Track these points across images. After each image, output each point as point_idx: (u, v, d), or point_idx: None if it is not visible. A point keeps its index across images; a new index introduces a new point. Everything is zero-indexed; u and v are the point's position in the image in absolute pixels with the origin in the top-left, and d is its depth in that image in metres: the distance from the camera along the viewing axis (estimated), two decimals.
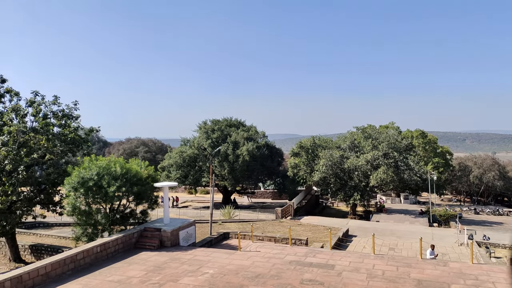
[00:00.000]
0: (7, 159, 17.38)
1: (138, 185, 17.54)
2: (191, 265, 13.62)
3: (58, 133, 20.36)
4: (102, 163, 16.95)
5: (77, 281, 12.21)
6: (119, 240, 15.51)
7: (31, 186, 19.25)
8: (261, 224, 30.31)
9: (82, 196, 16.57)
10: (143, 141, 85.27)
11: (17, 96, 20.27)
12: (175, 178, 45.72)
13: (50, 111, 20.60)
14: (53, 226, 31.81)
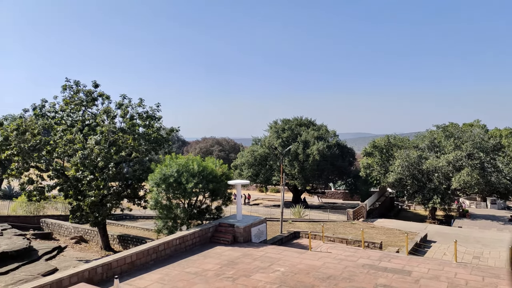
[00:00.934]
0: (99, 156, 19.34)
1: (213, 182, 18.39)
2: (263, 261, 13.95)
3: (143, 133, 22.18)
4: (181, 161, 18.08)
5: (158, 270, 13.17)
6: (196, 234, 16.42)
7: (120, 182, 21.15)
8: (331, 225, 29.85)
9: (164, 192, 17.83)
10: (217, 141, 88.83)
11: (108, 99, 22.46)
12: (246, 176, 46.90)
13: (136, 112, 22.51)
14: (138, 218, 34.57)
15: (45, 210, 32.76)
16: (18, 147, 19.26)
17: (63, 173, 20.59)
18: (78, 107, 22.08)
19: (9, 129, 19.77)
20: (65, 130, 21.14)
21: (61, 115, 22.31)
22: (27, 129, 19.84)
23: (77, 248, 23.00)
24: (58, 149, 19.98)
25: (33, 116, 21.85)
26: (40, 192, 20.32)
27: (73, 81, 22.11)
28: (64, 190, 20.61)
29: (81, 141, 20.15)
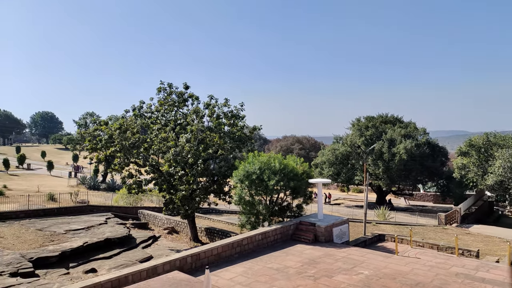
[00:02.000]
0: (189, 153, 20.73)
1: (294, 180, 18.51)
2: (345, 263, 13.69)
3: (228, 131, 23.24)
4: (263, 159, 18.54)
5: (242, 264, 13.69)
6: (277, 230, 16.71)
7: (207, 177, 22.43)
8: (420, 229, 28.01)
9: (247, 188, 18.45)
10: (298, 139, 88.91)
11: (197, 100, 23.94)
12: (327, 175, 46.19)
13: (221, 112, 23.67)
14: (223, 212, 36.25)
15: (142, 202, 36.07)
16: (120, 144, 21.56)
17: (158, 169, 22.50)
18: (171, 107, 23.90)
19: (113, 128, 22.21)
20: (160, 129, 23.10)
21: (156, 115, 24.37)
22: (128, 128, 22.10)
23: (169, 238, 24.91)
24: (154, 146, 21.90)
25: (132, 116, 24.25)
26: (138, 185, 22.48)
27: (166, 84, 23.97)
28: (158, 184, 22.53)
29: (174, 139, 21.81)
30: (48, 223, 23.81)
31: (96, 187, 49.18)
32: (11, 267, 15.51)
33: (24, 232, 21.26)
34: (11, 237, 20.21)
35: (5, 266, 15.50)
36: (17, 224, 23.28)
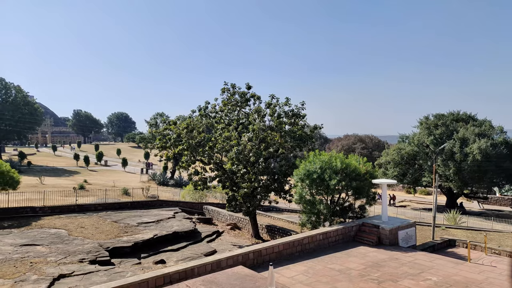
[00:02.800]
0: (251, 152, 21.21)
1: (357, 180, 18.10)
2: (412, 268, 13.14)
3: (288, 130, 23.37)
4: (324, 158, 18.37)
5: (303, 263, 13.72)
6: (339, 231, 16.48)
7: (268, 176, 22.76)
8: (496, 236, 25.84)
9: (307, 187, 18.42)
10: (360, 138, 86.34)
11: (259, 99, 24.37)
12: (392, 175, 44.37)
13: (282, 111, 23.85)
14: (283, 211, 36.48)
15: (206, 198, 37.54)
16: (187, 143, 22.71)
17: (221, 166, 23.32)
18: (234, 107, 24.60)
19: (180, 128, 23.44)
20: (223, 128, 23.92)
21: (220, 115, 25.25)
22: (194, 127, 23.20)
23: (232, 233, 25.67)
24: (218, 145, 22.73)
25: (198, 116, 25.38)
26: (203, 182, 23.50)
27: (230, 84, 24.70)
28: (222, 181, 23.35)
29: (236, 138, 22.45)
30: (123, 215, 25.79)
31: (165, 183, 52.06)
32: (91, 255, 17.09)
33: (102, 223, 23.25)
34: (90, 227, 22.22)
35: (85, 254, 17.12)
36: (95, 215, 25.52)
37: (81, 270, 15.11)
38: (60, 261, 16.08)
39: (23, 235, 19.92)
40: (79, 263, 16.05)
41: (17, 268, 14.93)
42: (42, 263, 15.77)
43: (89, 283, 13.68)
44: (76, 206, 27.36)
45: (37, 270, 14.80)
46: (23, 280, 13.72)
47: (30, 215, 24.82)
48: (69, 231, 21.09)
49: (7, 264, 15.36)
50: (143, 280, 9.93)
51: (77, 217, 24.65)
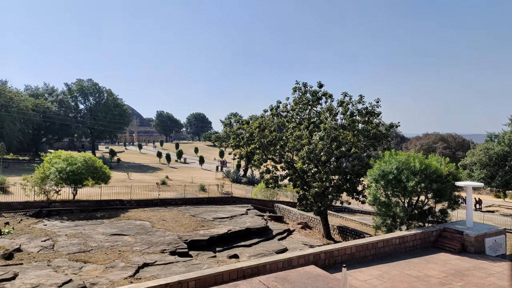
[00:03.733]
0: (322, 151, 20.98)
1: (438, 182, 16.93)
2: (501, 279, 11.97)
3: (362, 129, 22.66)
4: (401, 158, 17.48)
5: (377, 267, 13.24)
6: (417, 236, 15.59)
7: (339, 175, 22.33)
8: None
9: (382, 188, 17.69)
10: (441, 137, 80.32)
11: (331, 98, 24.00)
12: (478, 178, 40.63)
13: (355, 109, 23.20)
14: (356, 212, 35.46)
15: (277, 196, 37.94)
16: (259, 142, 23.22)
17: (292, 165, 23.42)
18: (305, 106, 24.54)
19: (253, 127, 24.05)
20: (295, 127, 24.00)
21: (291, 114, 25.36)
22: (266, 126, 23.66)
23: (303, 232, 25.65)
24: (289, 144, 22.88)
25: (270, 116, 25.78)
26: (274, 180, 23.83)
27: (301, 83, 24.68)
28: (293, 180, 23.45)
29: (307, 137, 22.38)
30: (200, 210, 27.20)
31: (238, 180, 53.69)
32: (171, 246, 18.33)
33: (181, 217, 24.77)
34: (171, 220, 23.80)
35: (166, 245, 18.41)
36: (175, 209, 27.26)
37: (162, 260, 16.30)
38: (144, 250, 17.52)
39: (113, 225, 22.04)
40: (160, 253, 17.32)
41: (108, 255, 16.59)
42: (128, 251, 17.32)
43: (169, 272, 14.71)
44: (158, 200, 29.49)
45: (125, 258, 16.29)
46: (113, 266, 15.21)
47: (119, 207, 27.33)
48: (152, 223, 22.83)
49: (99, 251, 17.15)
50: (218, 272, 10.43)
51: (159, 211, 26.56)
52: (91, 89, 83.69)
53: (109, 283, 13.42)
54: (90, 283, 13.37)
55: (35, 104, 70.09)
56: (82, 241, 18.42)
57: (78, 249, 17.25)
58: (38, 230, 20.33)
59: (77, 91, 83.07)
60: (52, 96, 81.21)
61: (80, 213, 25.29)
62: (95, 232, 20.26)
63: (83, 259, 15.87)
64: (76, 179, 26.79)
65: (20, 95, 69.10)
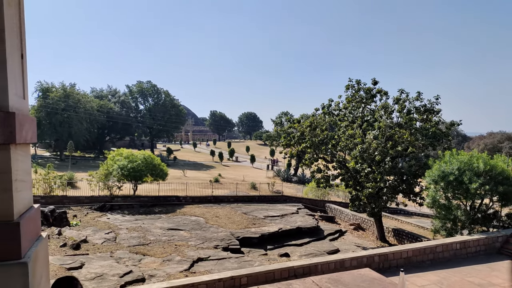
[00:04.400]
0: (377, 150, 20.35)
1: (504, 184, 15.73)
2: None
3: (419, 128, 21.64)
4: (463, 158, 16.48)
5: (435, 272, 12.62)
6: (480, 241, 14.63)
7: (395, 176, 21.51)
8: None
9: (442, 190, 16.80)
10: (508, 136, 74.20)
11: (386, 95, 23.17)
12: None
13: (413, 107, 22.20)
14: (412, 215, 33.93)
15: (329, 196, 37.40)
16: (310, 141, 23.05)
17: (344, 165, 22.97)
18: (358, 104, 23.93)
19: (304, 126, 23.93)
20: (347, 126, 23.51)
21: (344, 112, 24.86)
22: (317, 125, 23.42)
23: (355, 234, 25.08)
24: (341, 143, 22.47)
25: (321, 114, 25.48)
26: (326, 180, 23.53)
27: (354, 81, 24.11)
28: (345, 180, 22.99)
29: (361, 136, 21.83)
30: (251, 208, 27.61)
31: (289, 179, 53.66)
32: (224, 242, 18.83)
33: (233, 214, 25.32)
34: (224, 217, 24.42)
35: (219, 241, 18.94)
36: (228, 206, 27.91)
37: (215, 255, 16.81)
38: (198, 245, 18.18)
39: (170, 220, 23.08)
40: (214, 249, 17.87)
41: (165, 249, 17.43)
42: (184, 246, 18.07)
43: (223, 268, 15.13)
44: (212, 197, 30.39)
45: (180, 252, 17.02)
46: (169, 260, 15.96)
47: (175, 203, 28.55)
48: (206, 219, 23.59)
49: (157, 245, 18.07)
50: (269, 270, 10.57)
51: (213, 207, 27.36)
52: (150, 91, 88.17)
53: (166, 276, 14.11)
54: (149, 275, 14.14)
55: (99, 105, 75.32)
56: (141, 235, 19.51)
57: (138, 242, 18.30)
58: (102, 223, 21.85)
59: (137, 93, 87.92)
60: (115, 97, 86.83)
61: (140, 208, 26.78)
62: (153, 226, 21.35)
63: (142, 252, 16.82)
64: (136, 175, 28.40)
65: (86, 97, 74.63)
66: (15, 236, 2.95)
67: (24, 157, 3.42)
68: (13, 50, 3.18)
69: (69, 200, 26.59)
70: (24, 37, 3.58)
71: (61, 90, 67.72)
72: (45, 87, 67.14)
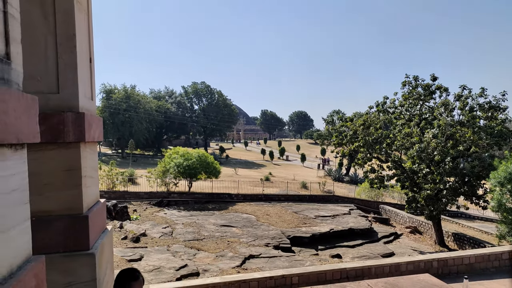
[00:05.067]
0: (436, 150, 19.33)
1: None
2: None
3: (483, 126, 20.20)
4: None
5: (501, 281, 11.78)
6: None
7: (456, 177, 20.29)
8: None
9: (509, 193, 15.60)
10: None
11: (446, 91, 21.91)
12: None
13: (476, 104, 20.78)
14: (475, 219, 31.77)
15: (383, 197, 36.13)
16: (364, 140, 22.43)
17: (400, 165, 22.09)
18: (415, 101, 22.86)
19: (357, 124, 23.34)
20: (403, 124, 22.56)
21: (400, 110, 23.87)
22: (371, 124, 22.72)
23: (411, 237, 24.02)
24: (397, 142, 21.62)
25: (376, 112, 24.67)
26: (380, 180, 22.77)
27: (412, 77, 23.08)
28: (400, 180, 22.09)
29: (418, 135, 20.85)
30: (302, 207, 27.49)
31: (340, 179, 52.59)
32: (275, 240, 18.95)
33: (284, 213, 25.38)
34: (274, 215, 24.56)
35: (270, 239, 19.09)
36: (278, 205, 28.02)
37: (266, 253, 16.99)
38: (250, 243, 18.47)
39: (222, 217, 23.68)
40: (265, 246, 18.07)
41: (218, 245, 17.93)
42: (236, 242, 18.46)
43: (273, 266, 15.27)
44: (262, 195, 30.68)
45: (233, 249, 17.41)
46: (222, 255, 16.40)
47: (228, 200, 29.21)
48: (257, 217, 23.89)
49: (210, 240, 18.64)
50: (321, 271, 10.49)
51: (263, 205, 27.62)
52: (204, 91, 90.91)
53: (219, 271, 14.53)
54: (203, 269, 14.65)
55: (158, 106, 79.04)
56: (196, 230, 20.23)
57: (193, 237, 19.01)
58: (159, 217, 22.96)
59: (192, 93, 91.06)
60: (172, 98, 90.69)
61: (194, 204, 27.75)
62: (207, 222, 22.03)
63: (196, 247, 17.45)
64: (191, 173, 29.47)
65: (146, 98, 78.68)
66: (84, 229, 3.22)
67: (92, 155, 3.72)
68: (82, 55, 3.46)
69: (130, 195, 28.24)
70: (92, 41, 3.87)
71: (123, 91, 72.00)
72: (109, 88, 71.77)
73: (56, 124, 3.02)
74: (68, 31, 3.15)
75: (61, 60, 3.15)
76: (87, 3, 3.67)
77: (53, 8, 3.10)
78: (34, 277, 1.61)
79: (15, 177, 1.55)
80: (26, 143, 1.64)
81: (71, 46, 3.17)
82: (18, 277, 1.45)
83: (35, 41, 3.04)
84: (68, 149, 3.16)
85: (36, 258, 1.72)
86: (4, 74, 1.52)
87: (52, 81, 3.15)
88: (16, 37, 1.64)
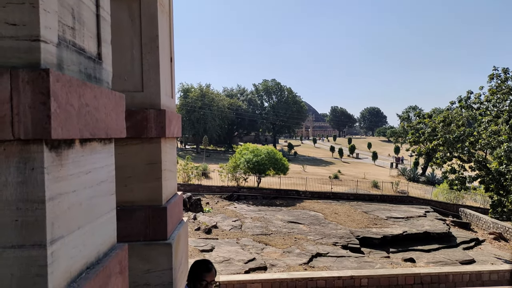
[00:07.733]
0: None
1: None
2: None
3: None
4: None
5: None
6: None
7: None
8: None
9: None
10: None
11: None
12: None
13: None
14: None
15: (463, 200, 33.36)
16: (444, 138, 20.90)
17: (485, 165, 20.23)
18: (504, 96, 20.71)
19: (436, 121, 21.85)
20: (490, 121, 20.59)
21: (486, 105, 21.81)
22: (452, 120, 21.12)
23: (495, 244, 21.89)
24: (481, 140, 19.83)
25: (458, 108, 22.83)
26: (461, 182, 21.05)
27: (500, 69, 20.96)
28: (485, 182, 20.23)
29: (507, 133, 18.90)
30: (372, 207, 26.49)
31: (415, 179, 49.61)
32: (343, 240, 18.54)
33: (353, 212, 24.68)
34: (343, 214, 24.00)
35: (338, 238, 18.72)
36: (347, 204, 27.32)
37: (334, 252, 16.70)
38: (317, 240, 18.30)
39: (290, 213, 23.75)
40: (332, 245, 17.77)
41: (285, 241, 18.04)
42: (303, 239, 18.41)
43: (341, 266, 14.96)
44: (331, 193, 30.14)
45: (300, 245, 17.40)
46: (289, 251, 16.47)
47: (295, 197, 29.19)
48: (325, 215, 23.56)
49: (278, 236, 18.81)
50: (393, 274, 10.08)
51: (332, 204, 27.13)
52: (274, 88, 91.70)
53: (286, 267, 14.63)
54: (270, 264, 14.86)
55: (230, 103, 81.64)
56: (264, 225, 20.57)
57: (261, 231, 19.36)
58: (230, 211, 23.74)
59: (263, 91, 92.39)
60: (243, 95, 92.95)
61: (263, 199, 28.20)
62: (275, 218, 22.27)
63: (264, 241, 17.75)
64: (260, 169, 30.00)
65: (219, 96, 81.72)
66: (162, 219, 3.47)
67: (172, 149, 3.98)
68: (164, 55, 3.71)
69: (203, 189, 29.58)
70: (172, 42, 4.13)
71: (199, 90, 75.51)
72: (186, 87, 75.84)
73: (140, 121, 3.28)
74: (152, 32, 3.39)
75: (145, 60, 3.41)
76: (168, 5, 3.92)
77: (139, 11, 3.35)
78: (118, 264, 1.78)
79: (103, 170, 1.72)
80: (114, 138, 1.81)
81: (154, 47, 3.42)
82: (104, 263, 1.62)
83: (123, 43, 3.32)
84: (150, 144, 3.42)
85: (120, 246, 1.90)
86: (96, 73, 1.70)
87: (137, 80, 3.42)
88: (106, 38, 1.82)
